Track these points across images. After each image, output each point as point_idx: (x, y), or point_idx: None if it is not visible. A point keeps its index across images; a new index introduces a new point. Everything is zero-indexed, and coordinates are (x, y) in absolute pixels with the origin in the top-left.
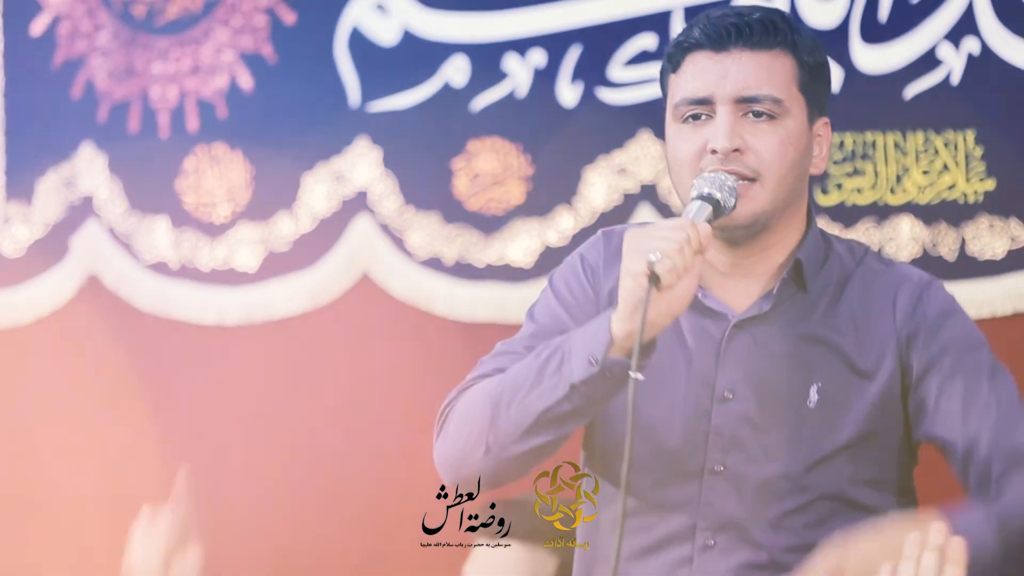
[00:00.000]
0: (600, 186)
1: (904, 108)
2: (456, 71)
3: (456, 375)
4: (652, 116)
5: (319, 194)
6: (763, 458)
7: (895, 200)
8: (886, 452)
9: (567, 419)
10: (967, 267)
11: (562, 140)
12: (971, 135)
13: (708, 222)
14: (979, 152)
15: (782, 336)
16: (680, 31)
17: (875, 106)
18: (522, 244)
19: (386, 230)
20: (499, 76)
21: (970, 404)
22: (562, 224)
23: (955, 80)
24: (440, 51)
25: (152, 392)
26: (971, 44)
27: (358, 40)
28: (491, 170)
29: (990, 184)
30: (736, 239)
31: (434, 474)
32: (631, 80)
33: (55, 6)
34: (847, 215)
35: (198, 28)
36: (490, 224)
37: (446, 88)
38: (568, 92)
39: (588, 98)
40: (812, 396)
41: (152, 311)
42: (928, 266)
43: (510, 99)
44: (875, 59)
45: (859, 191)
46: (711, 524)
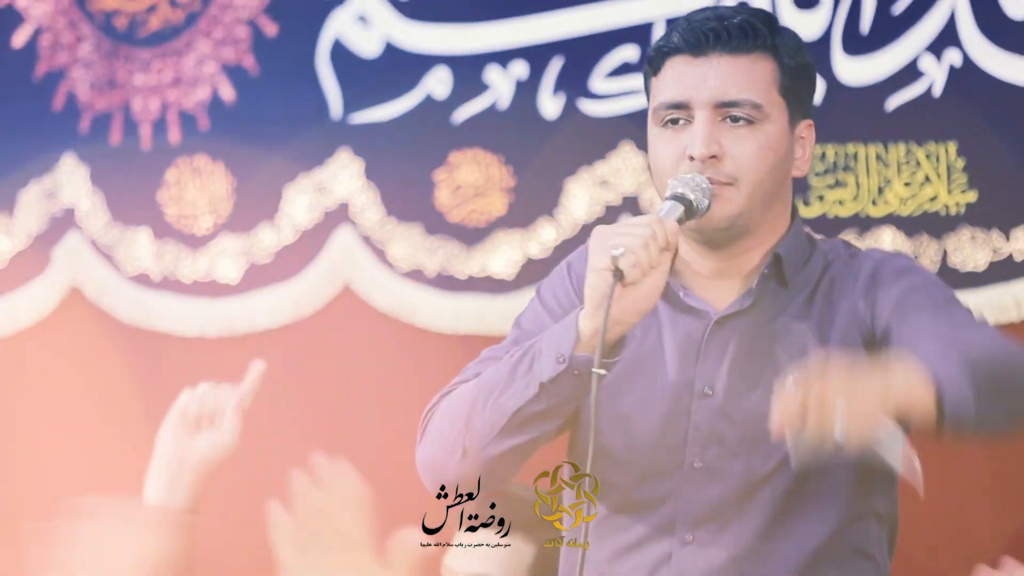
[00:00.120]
0: (582, 198)
1: (886, 120)
2: (438, 83)
3: (438, 386)
4: (634, 128)
5: (301, 206)
6: (741, 451)
7: (877, 212)
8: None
9: (540, 419)
10: (949, 279)
11: (544, 152)
12: (953, 147)
13: (679, 222)
14: (961, 164)
15: (761, 331)
16: (662, 34)
17: (857, 118)
18: (504, 256)
19: (368, 242)
20: (481, 88)
21: (927, 332)
22: (544, 236)
23: (937, 92)
24: (422, 63)
25: (134, 404)
26: (953, 56)
27: (340, 52)
28: (473, 182)
29: (972, 196)
30: (716, 242)
31: (418, 483)
32: (613, 92)
33: (37, 18)
34: (829, 227)
35: (180, 40)
36: (472, 236)
37: (428, 100)
38: (550, 104)
39: (570, 110)
40: (790, 388)
41: (134, 323)
42: None
43: (492, 111)
44: (857, 71)
45: (841, 203)
46: (690, 519)
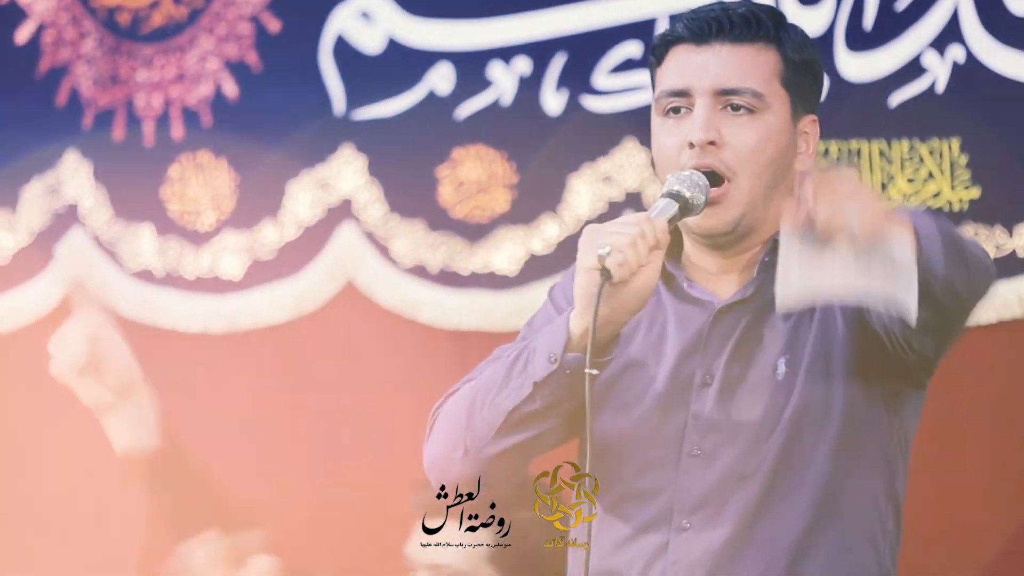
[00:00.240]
0: (585, 194)
1: (889, 116)
2: (441, 79)
3: (441, 383)
4: (637, 124)
5: (304, 202)
6: (734, 436)
7: None
8: (861, 418)
9: (535, 418)
10: None
11: (547, 148)
12: (956, 143)
13: (674, 219)
14: (964, 160)
15: (762, 317)
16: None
17: (860, 114)
18: (507, 252)
19: (371, 238)
20: (484, 84)
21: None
22: (547, 232)
23: (940, 88)
24: (425, 59)
25: None
26: (956, 52)
27: (343, 48)
28: (476, 178)
29: (975, 192)
30: (721, 244)
31: (421, 479)
32: (616, 88)
33: (40, 14)
34: None
35: (183, 36)
36: (475, 232)
37: (431, 96)
38: (553, 100)
39: (573, 106)
40: (780, 368)
41: (137, 319)
42: None
43: (495, 107)
44: (860, 67)
45: None
46: (687, 507)
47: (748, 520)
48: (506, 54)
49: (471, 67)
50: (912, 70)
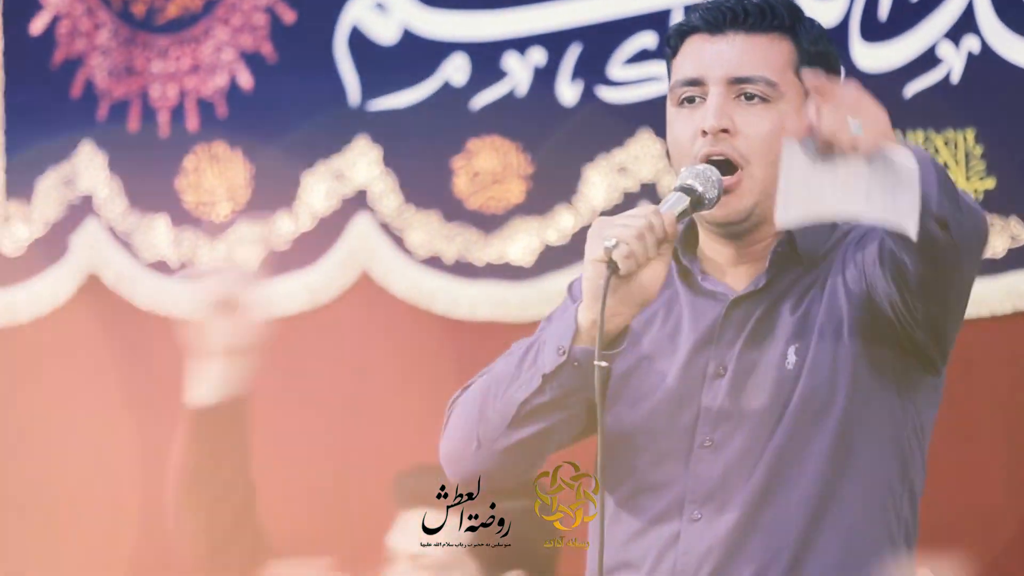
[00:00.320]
0: (600, 185)
1: (904, 107)
2: (456, 70)
3: (455, 374)
4: (652, 114)
5: (319, 193)
6: (743, 424)
7: None
8: (871, 403)
9: (545, 411)
10: None
11: (562, 139)
12: (971, 134)
13: (685, 213)
14: (979, 151)
15: (774, 307)
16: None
17: None
18: (522, 243)
19: (386, 229)
20: (499, 75)
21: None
22: (562, 223)
23: (955, 79)
24: (440, 50)
25: (151, 391)
26: (971, 43)
27: (358, 39)
28: (491, 169)
29: (990, 183)
30: (735, 234)
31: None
32: (631, 78)
33: (55, 5)
34: None
35: (198, 27)
36: (490, 223)
37: (446, 87)
38: (568, 91)
39: (588, 97)
40: (790, 357)
41: (151, 310)
42: None
43: (510, 98)
44: (875, 58)
45: None
46: (698, 497)
47: (754, 508)
48: (521, 45)
49: (486, 58)
50: (927, 61)
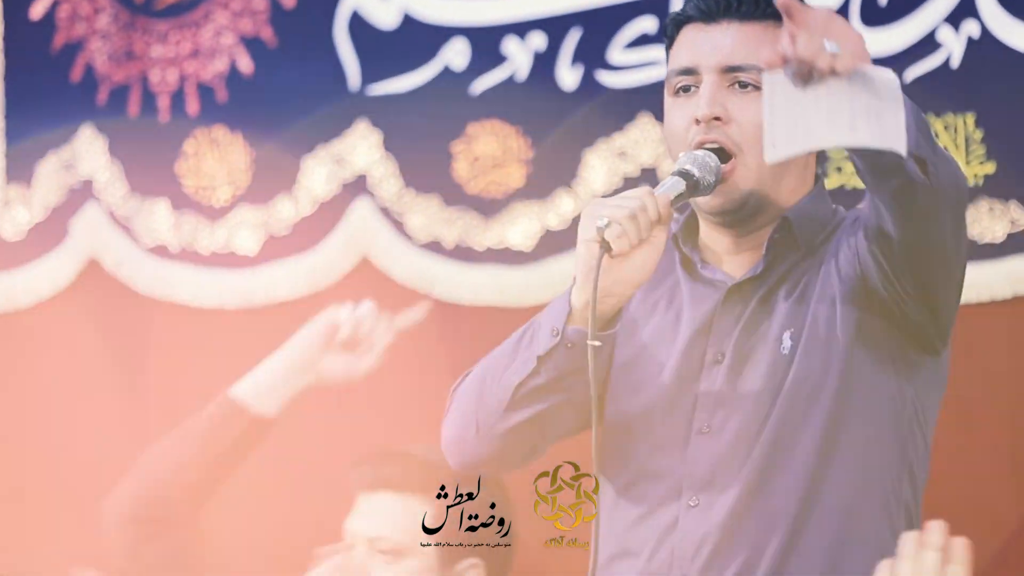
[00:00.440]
0: (600, 169)
1: (904, 91)
2: (456, 54)
3: (456, 358)
4: (652, 99)
5: (319, 177)
6: (738, 409)
7: None
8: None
9: (541, 393)
10: (967, 250)
11: (562, 123)
12: (971, 118)
13: (681, 198)
14: (979, 135)
15: (772, 293)
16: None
17: None
18: (522, 227)
19: (386, 213)
20: (499, 59)
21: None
22: (562, 207)
23: (955, 63)
24: (440, 34)
25: (151, 376)
26: (971, 27)
27: (358, 23)
28: (491, 153)
29: (990, 167)
30: (733, 221)
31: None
32: (631, 63)
33: None
34: (847, 198)
35: (198, 11)
36: (490, 207)
37: (446, 71)
38: (568, 75)
39: (588, 81)
40: (785, 342)
41: (152, 294)
42: None
43: (510, 82)
44: (875, 42)
45: None
46: (695, 483)
47: (749, 492)
48: (521, 29)
49: (486, 42)
50: (927, 45)
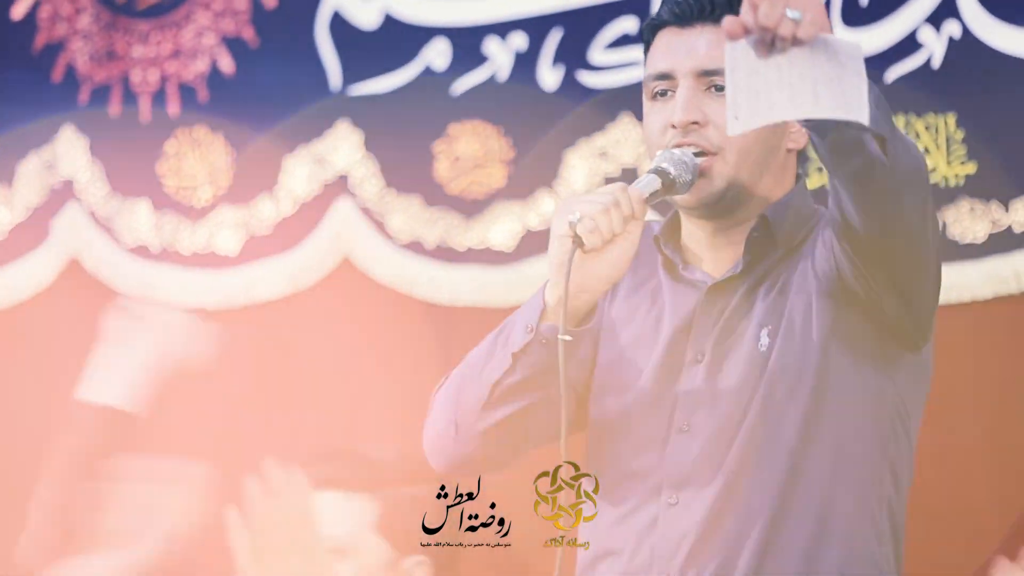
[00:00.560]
0: (581, 169)
1: (885, 91)
2: (437, 55)
3: (437, 358)
4: (633, 99)
5: (300, 177)
6: (719, 409)
7: None
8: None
9: (518, 391)
10: (948, 251)
11: (543, 123)
12: (952, 118)
13: (656, 195)
14: (960, 135)
15: (751, 292)
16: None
17: None
18: (504, 227)
19: (367, 213)
20: (480, 59)
21: None
22: (543, 207)
23: (936, 63)
24: (421, 35)
25: None
26: (952, 27)
27: (339, 23)
28: (472, 153)
29: (971, 168)
30: (711, 215)
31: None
32: (612, 63)
33: None
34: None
35: (179, 11)
36: (471, 207)
37: (427, 71)
38: (549, 75)
39: (569, 81)
40: (763, 340)
41: (133, 294)
42: None
43: (491, 82)
44: (856, 42)
45: None
46: (675, 482)
47: (727, 490)
48: (502, 30)
49: (467, 43)
50: (908, 45)
